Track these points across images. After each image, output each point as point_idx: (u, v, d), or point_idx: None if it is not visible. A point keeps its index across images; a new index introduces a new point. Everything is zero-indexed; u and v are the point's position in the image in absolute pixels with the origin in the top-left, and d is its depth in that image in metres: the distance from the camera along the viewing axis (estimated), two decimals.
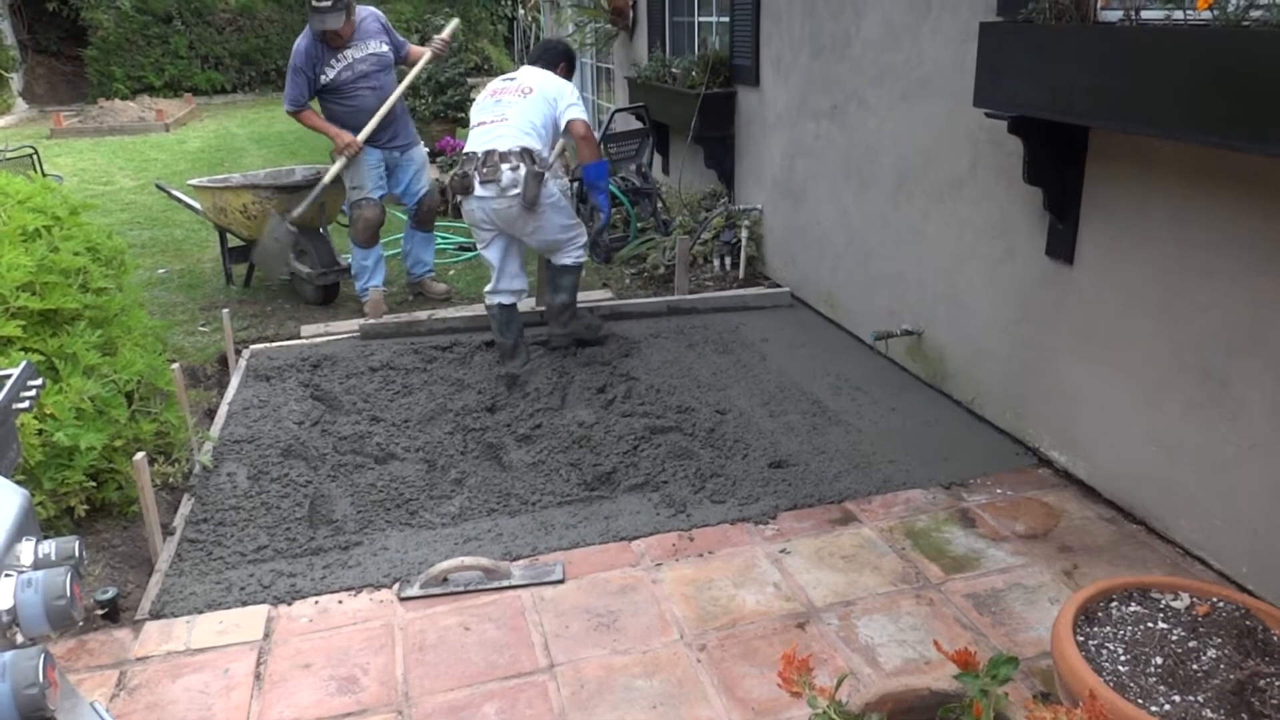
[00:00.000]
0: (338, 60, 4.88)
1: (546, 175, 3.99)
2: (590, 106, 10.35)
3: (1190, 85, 2.17)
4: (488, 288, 4.30)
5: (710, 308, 5.04)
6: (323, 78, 4.88)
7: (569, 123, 4.12)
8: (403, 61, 5.24)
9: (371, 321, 4.78)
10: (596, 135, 4.32)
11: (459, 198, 4.12)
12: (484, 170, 3.95)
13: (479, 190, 3.98)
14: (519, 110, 4.05)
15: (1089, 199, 2.97)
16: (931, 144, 3.72)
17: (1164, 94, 2.25)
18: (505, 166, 3.91)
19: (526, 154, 3.95)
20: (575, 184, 5.30)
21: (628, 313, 4.97)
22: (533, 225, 4.08)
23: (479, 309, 4.85)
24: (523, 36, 13.72)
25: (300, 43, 4.86)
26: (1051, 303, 3.18)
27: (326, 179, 5.09)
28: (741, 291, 5.21)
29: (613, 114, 6.58)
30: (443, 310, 5.12)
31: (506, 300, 4.28)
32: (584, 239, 4.33)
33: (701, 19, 6.41)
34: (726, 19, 5.67)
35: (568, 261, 4.28)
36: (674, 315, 4.95)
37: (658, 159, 6.97)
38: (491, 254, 4.22)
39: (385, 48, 5.01)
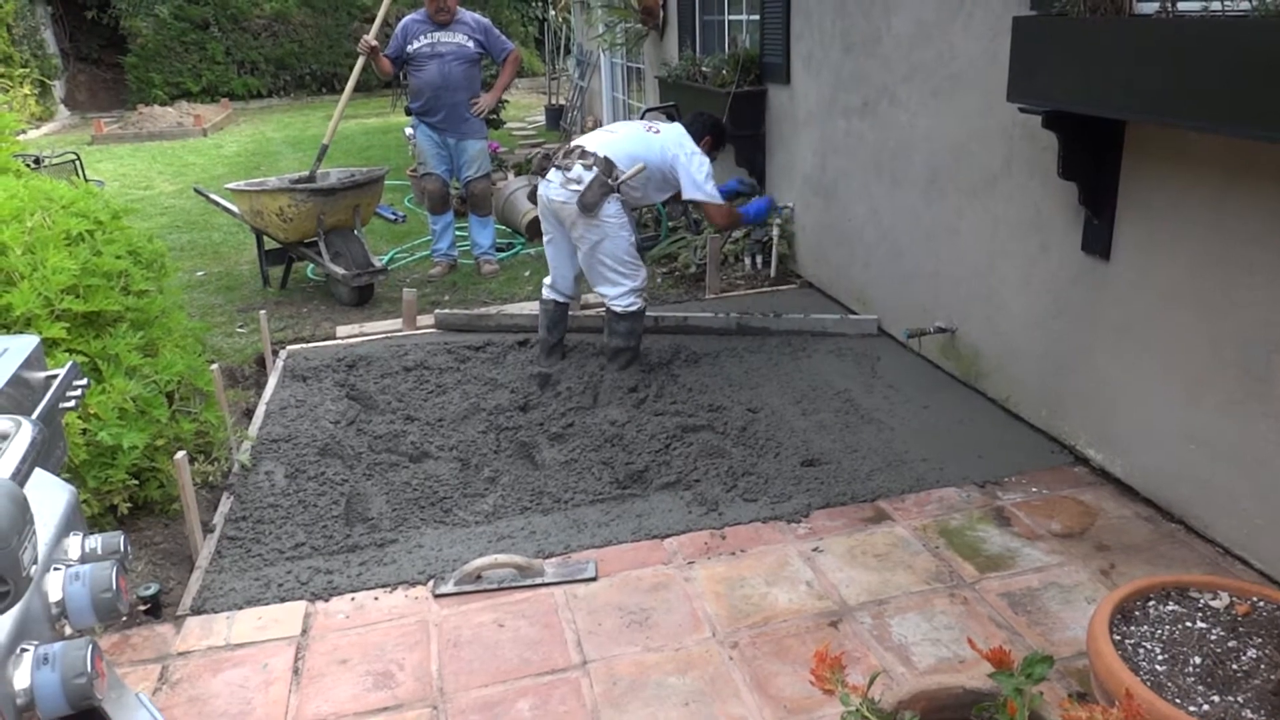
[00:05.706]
0: (426, 37, 5.70)
1: (614, 195, 3.97)
2: (621, 106, 10.36)
3: (1229, 77, 2.14)
4: (546, 280, 4.39)
5: (785, 329, 4.66)
6: (409, 47, 5.71)
7: (697, 202, 4.26)
8: (495, 61, 5.98)
9: (445, 313, 4.97)
10: (716, 196, 4.17)
11: (537, 180, 4.19)
12: (563, 159, 4.07)
13: (550, 174, 4.07)
14: (631, 136, 4.17)
15: (1125, 193, 2.93)
16: (964, 140, 3.69)
17: (1202, 86, 2.22)
18: (580, 163, 4.00)
19: (606, 163, 3.98)
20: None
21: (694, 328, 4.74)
22: (581, 233, 4.03)
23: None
24: (553, 38, 13.75)
25: (408, 16, 5.84)
26: (1087, 299, 3.14)
27: (350, 82, 5.79)
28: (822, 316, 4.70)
29: (643, 113, 6.59)
30: (511, 306, 5.23)
31: (559, 299, 4.34)
32: (635, 287, 4.11)
33: (732, 17, 6.40)
34: (757, 17, 5.66)
35: (615, 308, 4.13)
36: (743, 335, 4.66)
37: None
38: (549, 250, 4.31)
39: (471, 44, 5.75)
